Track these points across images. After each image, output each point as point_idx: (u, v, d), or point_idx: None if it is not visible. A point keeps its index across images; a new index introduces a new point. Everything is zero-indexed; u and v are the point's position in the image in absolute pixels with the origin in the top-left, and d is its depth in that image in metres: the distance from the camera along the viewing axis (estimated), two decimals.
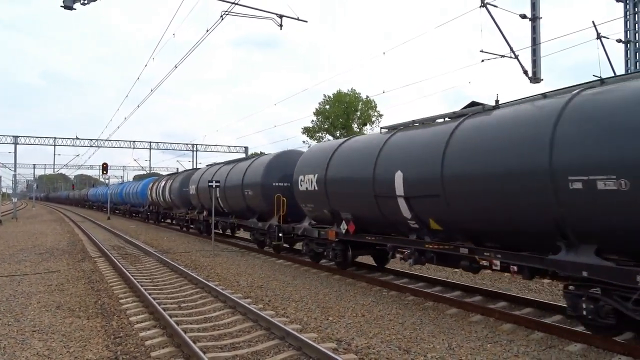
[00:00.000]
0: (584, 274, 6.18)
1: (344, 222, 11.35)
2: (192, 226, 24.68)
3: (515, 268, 7.36)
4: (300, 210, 13.60)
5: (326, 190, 11.65)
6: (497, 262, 7.57)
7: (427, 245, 8.95)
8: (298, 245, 15.69)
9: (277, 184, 15.25)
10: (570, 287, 6.56)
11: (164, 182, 29.80)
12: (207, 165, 24.12)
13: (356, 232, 11.01)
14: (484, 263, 7.89)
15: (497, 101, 9.16)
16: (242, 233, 21.69)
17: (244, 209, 17.35)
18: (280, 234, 14.37)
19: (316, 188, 12.04)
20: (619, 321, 6.13)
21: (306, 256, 14.26)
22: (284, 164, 15.34)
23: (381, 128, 11.25)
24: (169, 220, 32.04)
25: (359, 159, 10.69)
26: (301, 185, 12.79)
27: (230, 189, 18.01)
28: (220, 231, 21.71)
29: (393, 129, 10.49)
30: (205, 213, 21.25)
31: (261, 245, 16.92)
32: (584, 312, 6.33)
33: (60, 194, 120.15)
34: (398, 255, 9.81)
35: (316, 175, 12.04)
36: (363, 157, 10.51)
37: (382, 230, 10.54)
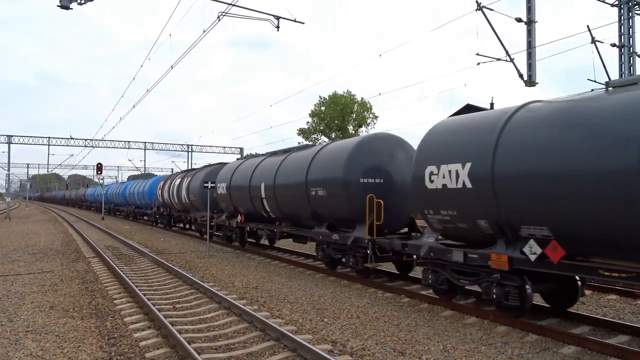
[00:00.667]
0: None
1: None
2: (217, 233, 20.09)
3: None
4: (399, 217, 11.18)
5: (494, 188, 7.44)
6: None
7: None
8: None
9: (365, 180, 11.07)
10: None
11: (178, 180, 25.07)
12: (238, 159, 20.65)
13: None
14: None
15: (492, 104, 9.20)
16: (286, 244, 18.37)
17: (304, 214, 13.06)
18: (374, 252, 10.46)
19: (468, 185, 7.83)
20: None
21: (302, 257, 15.31)
22: (372, 152, 11.35)
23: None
24: (180, 225, 27.93)
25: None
26: (431, 181, 8.58)
27: (284, 187, 13.73)
28: (254, 240, 19.01)
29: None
30: (240, 218, 17.10)
31: (334, 265, 12.55)
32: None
33: (55, 193, 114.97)
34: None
35: (468, 165, 7.87)
36: None
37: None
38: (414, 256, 10.66)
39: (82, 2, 12.00)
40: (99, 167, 44.98)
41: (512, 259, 7.34)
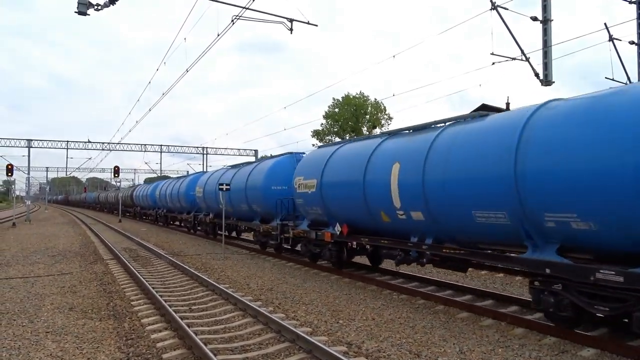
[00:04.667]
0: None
1: None
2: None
3: None
4: None
5: None
6: None
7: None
8: None
9: None
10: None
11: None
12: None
13: None
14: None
15: (507, 104, 9.12)
16: None
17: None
18: None
19: None
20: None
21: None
22: None
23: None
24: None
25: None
26: None
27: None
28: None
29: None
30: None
31: None
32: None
33: (85, 195, 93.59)
34: None
35: None
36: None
37: None
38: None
39: (99, 8, 12.18)
40: (116, 170, 45.60)
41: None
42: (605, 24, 11.39)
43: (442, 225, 8.75)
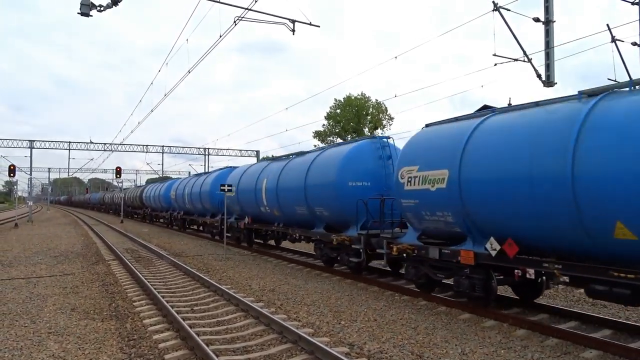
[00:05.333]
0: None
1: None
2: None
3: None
4: None
5: None
6: None
7: None
8: None
9: None
10: None
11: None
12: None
13: None
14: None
15: (509, 104, 9.10)
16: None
17: None
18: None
19: None
20: None
21: (318, 260, 14.15)
22: None
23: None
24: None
25: None
26: None
27: None
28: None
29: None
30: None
31: None
32: None
33: (90, 196, 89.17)
34: None
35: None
36: None
37: None
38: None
39: (102, 9, 12.20)
40: (118, 171, 45.69)
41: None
42: (607, 25, 11.35)
43: None
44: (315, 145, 55.91)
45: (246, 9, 12.74)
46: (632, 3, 13.42)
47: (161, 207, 34.68)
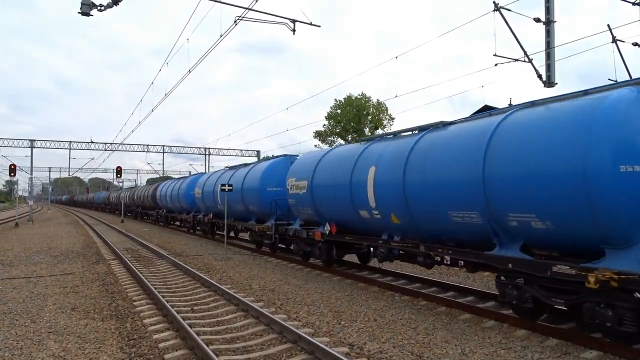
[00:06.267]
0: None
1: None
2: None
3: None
4: None
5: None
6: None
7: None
8: None
9: None
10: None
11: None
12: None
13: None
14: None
15: (510, 105, 9.11)
16: None
17: None
18: None
19: None
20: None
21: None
22: None
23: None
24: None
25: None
26: None
27: None
28: None
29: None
30: None
31: None
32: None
33: (93, 196, 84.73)
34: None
35: None
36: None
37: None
38: None
39: (102, 8, 12.21)
40: (119, 171, 45.72)
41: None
42: (608, 25, 11.35)
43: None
44: (315, 146, 56.01)
45: (247, 8, 12.74)
46: (633, 3, 13.41)
47: (180, 208, 29.15)
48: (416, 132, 10.42)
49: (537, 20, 13.59)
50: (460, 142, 8.56)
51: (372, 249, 12.31)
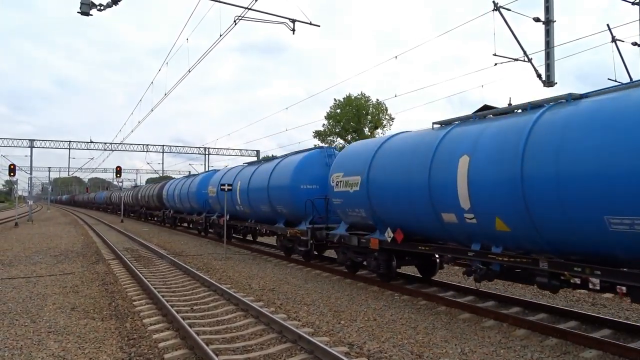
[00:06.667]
0: None
1: None
2: None
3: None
4: None
5: None
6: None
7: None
8: None
9: None
10: None
11: None
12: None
13: None
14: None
15: (509, 104, 9.10)
16: None
17: None
18: None
19: None
20: None
21: (317, 260, 14.97)
22: None
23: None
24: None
25: None
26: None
27: None
28: None
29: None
30: None
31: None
32: None
33: (95, 195, 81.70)
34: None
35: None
36: None
37: None
38: None
39: (102, 8, 12.20)
40: (119, 171, 45.70)
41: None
42: (608, 25, 11.36)
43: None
44: (315, 145, 55.95)
45: (246, 8, 12.74)
46: (633, 3, 13.42)
47: (190, 209, 26.80)
48: (526, 110, 7.82)
49: (537, 19, 13.60)
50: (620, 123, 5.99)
51: (440, 260, 10.30)
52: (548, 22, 13.57)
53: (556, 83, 13.56)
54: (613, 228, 5.89)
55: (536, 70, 13.56)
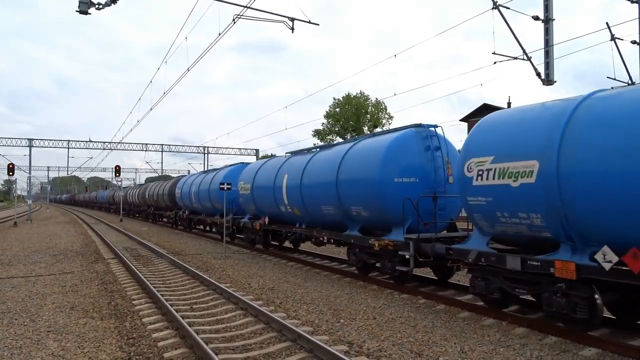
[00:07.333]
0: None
1: None
2: None
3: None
4: None
5: None
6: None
7: None
8: None
9: None
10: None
11: None
12: None
13: None
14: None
15: (509, 103, 9.10)
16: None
17: None
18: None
19: None
20: None
21: (317, 258, 15.05)
22: None
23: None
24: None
25: None
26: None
27: None
28: None
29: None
30: None
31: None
32: None
33: (96, 194, 78.53)
34: None
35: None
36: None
37: None
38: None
39: (100, 7, 12.19)
40: (118, 170, 45.64)
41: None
42: (607, 23, 11.36)
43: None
44: (315, 144, 55.90)
45: (245, 7, 12.72)
46: (632, 1, 13.42)
47: (212, 209, 23.02)
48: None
49: (536, 18, 13.60)
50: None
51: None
52: (547, 21, 13.57)
53: (555, 81, 13.58)
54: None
55: (535, 69, 13.57)
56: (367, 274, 11.87)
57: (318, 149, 14.84)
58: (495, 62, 14.04)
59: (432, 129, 11.03)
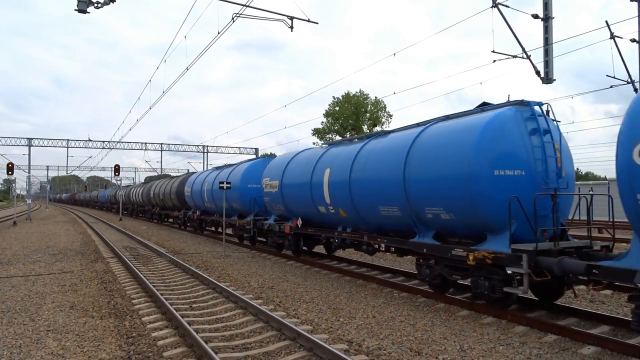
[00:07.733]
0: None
1: None
2: None
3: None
4: None
5: None
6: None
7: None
8: None
9: None
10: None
11: None
12: None
13: None
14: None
15: (508, 101, 9.10)
16: None
17: None
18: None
19: None
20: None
21: (316, 257, 15.10)
22: None
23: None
24: None
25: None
26: None
27: None
28: None
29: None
30: None
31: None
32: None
33: (97, 194, 77.05)
34: None
35: None
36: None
37: None
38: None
39: (99, 5, 12.17)
40: (117, 169, 45.62)
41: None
42: (606, 21, 11.39)
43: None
44: (314, 143, 55.88)
45: (244, 5, 12.72)
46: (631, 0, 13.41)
47: (229, 209, 19.82)
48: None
49: (535, 16, 13.60)
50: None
51: None
52: (546, 19, 13.58)
53: (555, 80, 13.58)
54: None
55: (535, 67, 13.57)
56: (444, 292, 9.47)
57: (369, 138, 12.05)
58: (494, 61, 14.04)
59: (538, 107, 8.57)
